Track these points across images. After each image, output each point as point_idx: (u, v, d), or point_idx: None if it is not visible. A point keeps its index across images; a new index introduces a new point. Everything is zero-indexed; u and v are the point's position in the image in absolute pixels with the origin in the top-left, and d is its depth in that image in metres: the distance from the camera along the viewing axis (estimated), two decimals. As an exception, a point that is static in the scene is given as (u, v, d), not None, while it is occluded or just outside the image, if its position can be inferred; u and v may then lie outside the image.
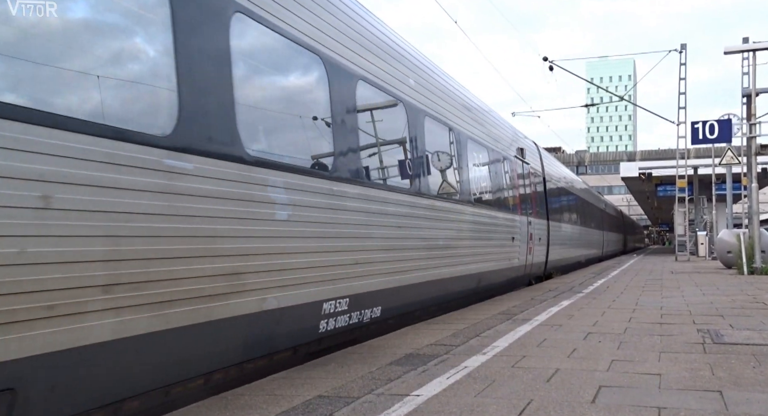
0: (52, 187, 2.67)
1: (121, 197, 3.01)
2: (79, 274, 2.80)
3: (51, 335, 2.69)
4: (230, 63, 3.91)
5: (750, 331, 5.69)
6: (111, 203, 2.95)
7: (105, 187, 2.93)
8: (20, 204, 2.56)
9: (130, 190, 3.06)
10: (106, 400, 3.10)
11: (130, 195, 3.06)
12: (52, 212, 2.68)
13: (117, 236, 2.98)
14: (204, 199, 3.55)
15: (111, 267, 2.95)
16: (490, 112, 10.96)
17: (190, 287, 3.42)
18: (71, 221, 2.77)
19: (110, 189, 2.95)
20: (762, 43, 15.47)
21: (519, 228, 11.41)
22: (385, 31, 6.70)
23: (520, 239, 11.48)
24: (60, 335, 2.73)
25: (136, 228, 3.08)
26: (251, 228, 3.93)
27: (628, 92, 30.64)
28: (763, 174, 25.52)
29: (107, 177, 2.94)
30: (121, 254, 3.01)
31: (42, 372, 2.68)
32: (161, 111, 3.40)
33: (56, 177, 2.70)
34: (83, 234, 2.82)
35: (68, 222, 2.76)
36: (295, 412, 3.26)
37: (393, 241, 6.11)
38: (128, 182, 3.05)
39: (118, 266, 2.99)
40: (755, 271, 14.45)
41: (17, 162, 2.55)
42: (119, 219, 2.99)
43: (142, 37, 3.39)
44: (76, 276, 2.79)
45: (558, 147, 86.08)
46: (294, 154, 4.74)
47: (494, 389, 3.65)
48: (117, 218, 2.98)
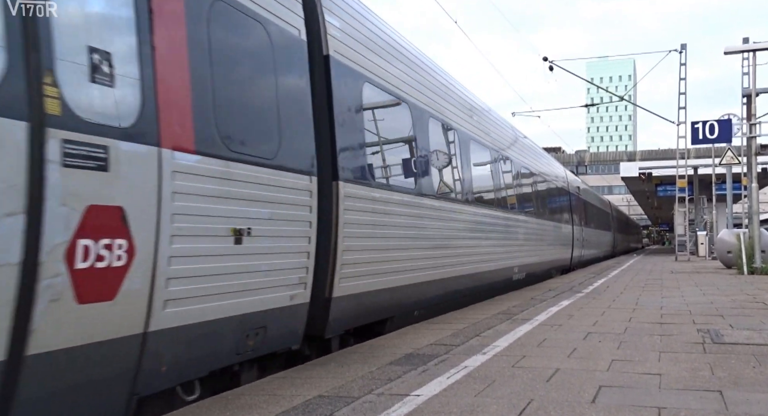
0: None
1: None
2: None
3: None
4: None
5: (750, 331, 5.69)
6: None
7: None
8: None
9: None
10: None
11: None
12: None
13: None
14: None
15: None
16: (546, 158, 17.16)
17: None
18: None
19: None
20: (762, 43, 15.48)
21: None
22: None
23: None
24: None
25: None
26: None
27: (628, 92, 30.71)
28: (763, 174, 25.50)
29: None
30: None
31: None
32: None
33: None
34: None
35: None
36: (295, 412, 3.26)
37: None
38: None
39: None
40: (755, 271, 14.45)
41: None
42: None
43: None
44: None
45: (558, 147, 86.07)
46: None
47: (494, 389, 3.65)
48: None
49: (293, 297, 4.39)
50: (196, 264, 3.42)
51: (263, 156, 4.05)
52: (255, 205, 3.89)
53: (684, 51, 22.92)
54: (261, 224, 3.97)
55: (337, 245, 4.95)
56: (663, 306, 7.85)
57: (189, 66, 3.45)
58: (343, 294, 5.07)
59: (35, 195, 2.54)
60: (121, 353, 2.99)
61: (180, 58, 3.42)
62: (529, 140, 15.17)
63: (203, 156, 3.50)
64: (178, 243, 3.26)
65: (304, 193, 4.49)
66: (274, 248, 4.12)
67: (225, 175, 3.64)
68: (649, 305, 8.05)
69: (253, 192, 3.88)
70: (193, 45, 3.53)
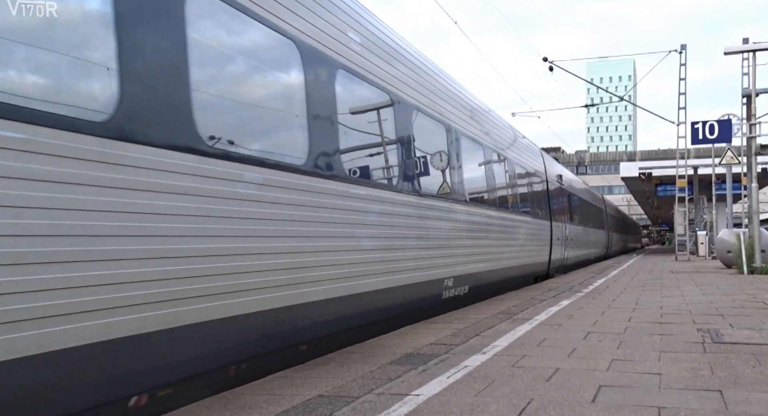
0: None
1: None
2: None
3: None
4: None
5: (750, 331, 5.69)
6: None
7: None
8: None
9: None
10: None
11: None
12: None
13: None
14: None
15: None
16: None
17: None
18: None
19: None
20: (762, 43, 15.48)
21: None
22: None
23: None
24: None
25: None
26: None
27: (628, 92, 30.71)
28: (763, 174, 25.52)
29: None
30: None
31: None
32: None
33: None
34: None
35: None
36: (295, 412, 3.26)
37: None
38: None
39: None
40: (755, 271, 14.45)
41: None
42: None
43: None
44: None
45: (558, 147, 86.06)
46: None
47: (494, 388, 3.65)
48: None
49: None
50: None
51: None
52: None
53: (684, 51, 22.92)
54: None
55: None
56: (663, 306, 7.84)
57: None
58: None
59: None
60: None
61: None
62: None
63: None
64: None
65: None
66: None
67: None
68: (649, 305, 8.05)
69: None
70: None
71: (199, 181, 3.69)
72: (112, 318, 3.10)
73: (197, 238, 3.64)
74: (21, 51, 2.88)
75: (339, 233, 5.25)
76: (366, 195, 5.79)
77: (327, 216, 5.05)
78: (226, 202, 3.89)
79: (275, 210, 4.39)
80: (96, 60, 3.18)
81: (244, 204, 4.06)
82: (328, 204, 5.09)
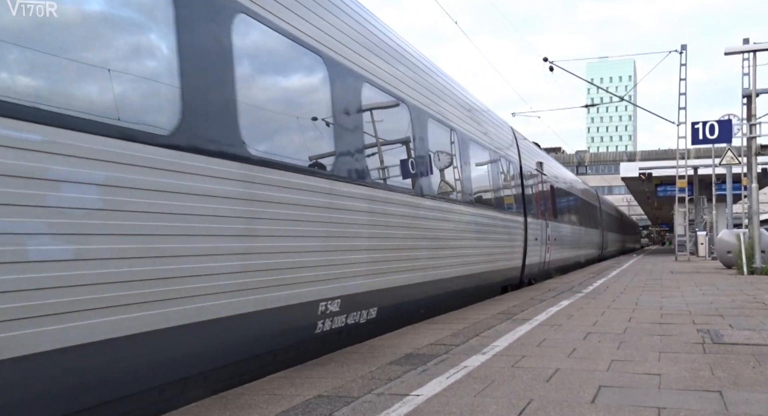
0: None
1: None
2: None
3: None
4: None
5: (750, 331, 5.69)
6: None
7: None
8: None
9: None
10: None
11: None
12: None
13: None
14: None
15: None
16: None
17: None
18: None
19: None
20: (762, 43, 15.49)
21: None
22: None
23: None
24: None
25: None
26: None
27: (628, 92, 30.65)
28: (763, 174, 25.51)
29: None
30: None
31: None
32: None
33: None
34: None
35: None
36: (295, 412, 3.26)
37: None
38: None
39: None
40: (755, 271, 14.45)
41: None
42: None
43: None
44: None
45: (558, 147, 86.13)
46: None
47: (494, 389, 3.65)
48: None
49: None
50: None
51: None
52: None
53: (684, 51, 22.94)
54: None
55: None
56: (663, 307, 7.84)
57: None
58: None
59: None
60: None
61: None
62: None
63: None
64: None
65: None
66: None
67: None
68: (648, 305, 8.05)
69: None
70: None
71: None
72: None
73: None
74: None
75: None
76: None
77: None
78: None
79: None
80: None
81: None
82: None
